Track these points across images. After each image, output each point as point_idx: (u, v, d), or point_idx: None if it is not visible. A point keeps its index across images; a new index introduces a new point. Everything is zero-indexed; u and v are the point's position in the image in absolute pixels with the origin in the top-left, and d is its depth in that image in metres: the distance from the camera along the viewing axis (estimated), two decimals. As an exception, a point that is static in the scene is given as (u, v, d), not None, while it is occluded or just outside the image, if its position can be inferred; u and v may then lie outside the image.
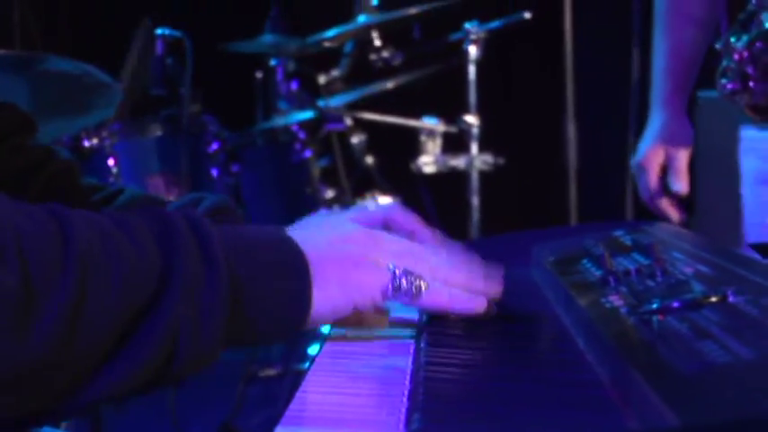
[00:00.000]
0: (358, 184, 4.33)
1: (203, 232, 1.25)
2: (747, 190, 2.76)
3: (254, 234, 1.33)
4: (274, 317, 1.28)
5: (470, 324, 1.37)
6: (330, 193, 4.25)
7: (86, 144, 4.12)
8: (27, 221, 1.16)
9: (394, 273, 1.33)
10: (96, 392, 1.18)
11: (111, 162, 4.11)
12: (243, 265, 1.26)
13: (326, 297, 1.30)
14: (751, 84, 2.64)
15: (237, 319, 1.24)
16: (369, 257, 1.35)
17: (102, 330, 1.16)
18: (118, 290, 1.17)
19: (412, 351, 1.28)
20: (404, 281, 1.33)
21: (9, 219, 1.15)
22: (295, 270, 1.29)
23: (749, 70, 2.65)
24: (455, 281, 1.40)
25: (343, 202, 4.23)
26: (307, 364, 1.34)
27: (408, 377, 1.18)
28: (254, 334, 1.27)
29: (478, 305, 1.38)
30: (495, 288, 1.39)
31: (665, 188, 2.89)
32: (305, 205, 4.16)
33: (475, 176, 4.32)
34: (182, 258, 1.21)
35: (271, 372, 3.87)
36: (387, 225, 1.50)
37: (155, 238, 1.22)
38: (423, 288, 1.34)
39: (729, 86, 2.67)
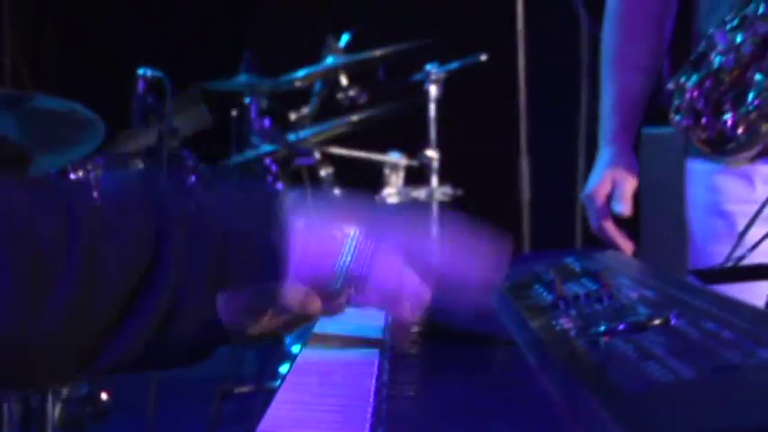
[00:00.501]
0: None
1: (188, 205, 1.27)
2: (695, 220, 2.77)
3: (237, 197, 1.34)
4: (252, 275, 1.27)
5: (430, 345, 1.37)
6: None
7: (72, 177, 4.10)
8: (36, 204, 1.18)
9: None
10: (103, 361, 1.19)
11: (95, 194, 4.09)
12: (224, 233, 1.26)
13: (304, 264, 1.29)
14: (703, 119, 2.66)
15: (217, 279, 1.24)
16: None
17: (105, 305, 1.17)
18: (118, 267, 1.18)
19: (376, 370, 1.26)
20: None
21: (21, 203, 1.17)
22: (274, 222, 1.29)
23: (700, 107, 2.66)
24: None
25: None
26: (278, 382, 1.33)
27: (372, 395, 1.18)
28: (240, 281, 1.26)
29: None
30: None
31: (612, 217, 2.89)
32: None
33: (435, 207, 4.33)
34: (173, 231, 1.23)
35: (244, 389, 3.86)
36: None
37: (149, 214, 1.24)
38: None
39: (683, 122, 2.69)
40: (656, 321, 1.19)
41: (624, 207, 2.88)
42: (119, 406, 3.77)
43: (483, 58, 4.26)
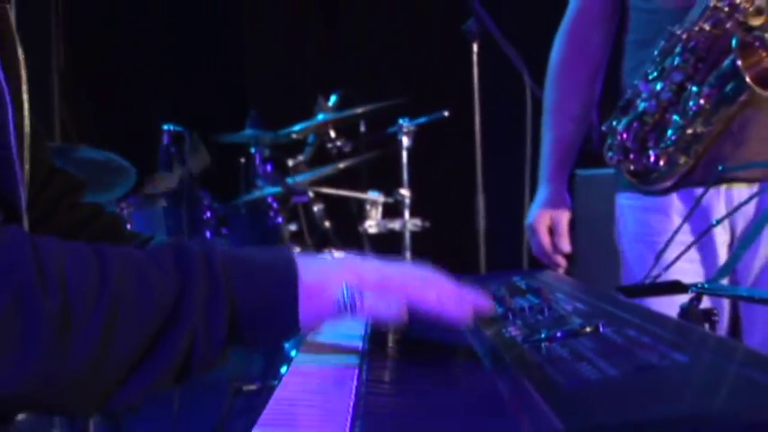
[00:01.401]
0: (318, 243, 4.32)
1: (211, 257, 1.22)
2: (625, 246, 2.77)
3: (252, 255, 1.28)
4: (269, 329, 1.25)
5: (402, 351, 1.36)
6: (297, 250, 4.23)
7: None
8: (71, 257, 1.15)
9: (339, 301, 1.28)
10: (126, 396, 1.17)
11: (128, 227, 4.09)
12: (241, 286, 1.23)
13: (311, 307, 1.27)
14: (631, 155, 2.68)
15: (236, 328, 1.22)
16: (336, 280, 1.30)
17: (129, 348, 1.15)
18: (142, 314, 1.15)
19: (356, 373, 1.25)
20: (347, 299, 1.28)
21: (56, 254, 1.13)
22: (285, 283, 1.26)
23: (629, 144, 2.67)
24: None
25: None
26: (277, 381, 1.32)
27: (353, 393, 1.17)
28: (250, 339, 1.24)
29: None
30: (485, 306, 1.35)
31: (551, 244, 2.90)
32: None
33: (407, 236, 4.33)
34: (193, 282, 1.20)
35: (252, 387, 3.84)
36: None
37: (174, 265, 1.20)
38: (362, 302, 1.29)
39: (615, 158, 2.71)
40: (588, 329, 1.18)
41: (565, 244, 2.90)
42: (148, 400, 3.75)
43: (445, 113, 4.28)
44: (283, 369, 3.57)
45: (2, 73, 1.22)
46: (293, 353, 1.46)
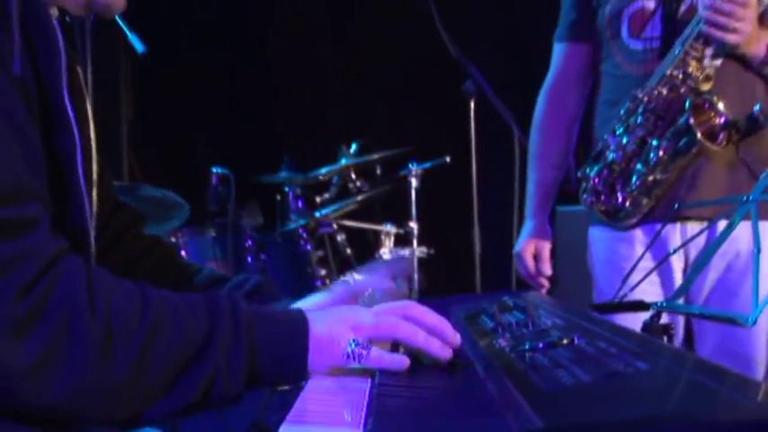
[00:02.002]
0: (340, 267, 4.31)
1: (237, 309, 1.22)
2: (597, 271, 2.77)
3: (273, 311, 1.29)
4: (280, 373, 1.24)
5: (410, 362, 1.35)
6: (323, 272, 4.23)
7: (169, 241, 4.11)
8: (118, 291, 1.15)
9: (349, 354, 1.26)
10: (154, 414, 1.16)
11: (183, 253, 4.10)
12: (261, 336, 1.22)
13: (320, 358, 1.25)
14: (602, 197, 2.67)
15: (252, 370, 1.21)
16: (344, 337, 1.27)
17: (159, 375, 1.14)
18: (173, 347, 1.15)
19: (370, 380, 1.25)
20: (355, 351, 1.27)
21: (107, 287, 1.14)
22: (297, 337, 1.25)
23: (600, 188, 2.66)
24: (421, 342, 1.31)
25: (331, 278, 4.21)
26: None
27: (368, 394, 1.16)
28: (263, 382, 1.23)
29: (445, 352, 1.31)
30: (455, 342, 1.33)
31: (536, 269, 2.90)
32: (307, 280, 4.15)
33: (416, 261, 4.32)
34: (221, 328, 1.19)
35: (285, 387, 3.83)
36: (406, 317, 1.33)
37: (206, 312, 1.19)
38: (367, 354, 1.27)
39: (588, 200, 2.70)
40: (565, 341, 1.19)
41: (547, 269, 2.89)
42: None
43: (447, 159, 4.29)
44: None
45: (75, 123, 1.22)
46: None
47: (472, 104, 3.62)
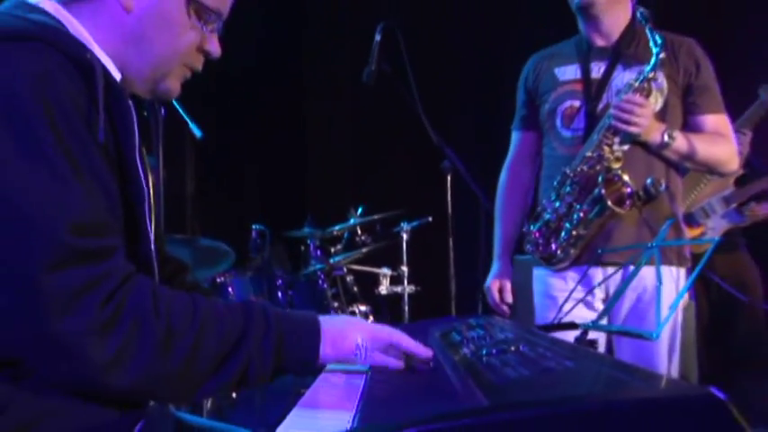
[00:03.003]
0: (349, 301, 4.30)
1: (267, 312, 1.23)
2: (537, 300, 2.76)
3: (296, 313, 1.29)
4: (299, 359, 1.24)
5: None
6: (335, 305, 4.21)
7: (218, 280, 4.10)
8: (175, 300, 1.16)
9: (358, 345, 1.28)
10: (202, 395, 1.16)
11: (230, 290, 4.09)
12: (286, 331, 1.23)
13: (330, 350, 1.26)
14: (540, 248, 2.66)
15: (278, 357, 1.21)
16: (352, 336, 1.29)
17: (207, 362, 1.14)
18: (217, 340, 1.15)
19: (365, 376, 1.25)
20: (361, 350, 1.28)
21: (167, 297, 1.14)
22: (313, 334, 1.26)
23: (539, 241, 2.67)
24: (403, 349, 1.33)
25: (343, 310, 4.20)
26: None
27: (361, 388, 1.17)
28: (287, 368, 1.23)
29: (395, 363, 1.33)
30: (427, 355, 1.33)
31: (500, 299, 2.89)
32: (324, 311, 4.12)
33: (406, 297, 4.31)
34: (253, 326, 1.20)
35: (305, 390, 3.80)
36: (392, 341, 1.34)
37: (242, 314, 1.20)
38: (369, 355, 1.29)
39: (531, 249, 2.69)
40: (513, 348, 1.18)
41: (507, 299, 2.89)
42: (242, 400, 3.71)
43: (430, 219, 4.30)
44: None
45: (144, 182, 1.24)
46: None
47: (449, 178, 3.62)
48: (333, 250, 4.51)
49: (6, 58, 1.07)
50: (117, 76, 1.27)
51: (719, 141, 2.55)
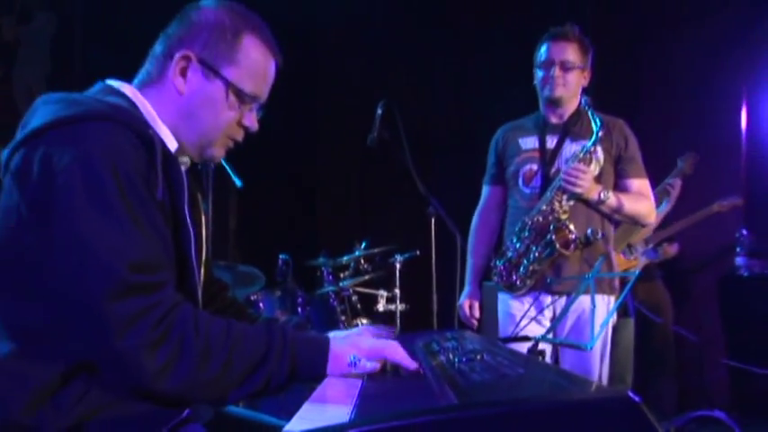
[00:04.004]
0: (354, 315, 4.27)
1: (286, 334, 1.21)
2: (501, 319, 2.75)
3: (308, 336, 1.27)
4: (310, 374, 1.23)
5: (388, 372, 1.34)
6: (343, 318, 4.17)
7: (252, 298, 4.07)
8: (213, 322, 1.15)
9: (350, 362, 1.26)
10: (234, 398, 1.15)
11: (261, 305, 4.07)
12: (298, 349, 1.21)
13: (334, 366, 1.25)
14: (504, 278, 2.66)
15: (293, 371, 1.20)
16: (349, 353, 1.27)
17: (237, 373, 1.14)
18: (246, 357, 1.15)
19: (361, 381, 1.24)
20: (353, 362, 1.26)
21: (206, 320, 1.14)
22: (321, 353, 1.24)
23: (503, 273, 2.66)
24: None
25: (350, 324, 4.17)
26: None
27: (359, 388, 1.16)
28: (300, 380, 1.21)
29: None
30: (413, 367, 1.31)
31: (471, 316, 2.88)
32: (335, 324, 4.06)
33: (398, 313, 4.29)
34: (275, 346, 1.19)
35: (317, 385, 3.74)
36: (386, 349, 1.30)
37: (265, 335, 1.20)
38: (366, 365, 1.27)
39: (496, 279, 2.69)
40: (479, 357, 1.17)
41: (476, 315, 2.87)
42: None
43: (417, 252, 4.29)
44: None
45: (192, 228, 1.23)
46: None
47: (433, 221, 3.62)
48: (342, 276, 4.49)
49: (85, 133, 1.09)
50: (174, 144, 1.28)
51: (642, 200, 2.60)
